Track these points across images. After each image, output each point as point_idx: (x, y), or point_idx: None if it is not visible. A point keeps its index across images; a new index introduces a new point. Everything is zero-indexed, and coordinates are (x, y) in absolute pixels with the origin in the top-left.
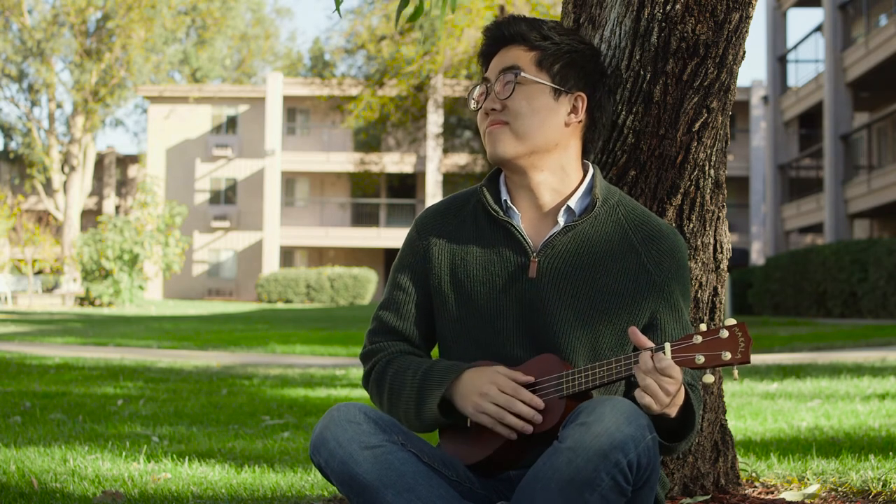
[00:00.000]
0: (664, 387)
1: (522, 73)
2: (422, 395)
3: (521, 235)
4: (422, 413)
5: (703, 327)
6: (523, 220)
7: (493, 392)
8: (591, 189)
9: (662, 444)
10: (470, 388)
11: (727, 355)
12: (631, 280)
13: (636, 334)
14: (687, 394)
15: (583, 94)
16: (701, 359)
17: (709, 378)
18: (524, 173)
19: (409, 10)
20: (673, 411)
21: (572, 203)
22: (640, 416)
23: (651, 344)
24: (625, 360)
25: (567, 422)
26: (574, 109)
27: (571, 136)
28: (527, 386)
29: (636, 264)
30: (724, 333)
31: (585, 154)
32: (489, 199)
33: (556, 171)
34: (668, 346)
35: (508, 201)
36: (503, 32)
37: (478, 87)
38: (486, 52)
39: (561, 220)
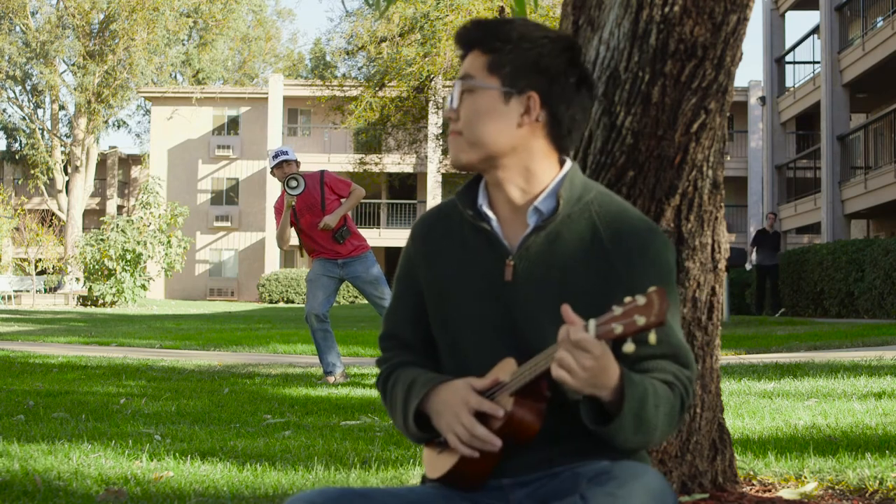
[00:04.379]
0: (580, 361)
1: (470, 81)
2: (406, 409)
3: (498, 238)
4: (408, 427)
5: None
6: (501, 223)
7: (456, 413)
8: (557, 189)
9: (599, 430)
10: (440, 406)
11: (641, 320)
12: (601, 280)
13: (567, 312)
14: (622, 377)
15: (534, 93)
16: (619, 328)
17: (629, 347)
18: (490, 173)
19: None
20: (604, 394)
21: (538, 204)
22: (669, 496)
23: (581, 321)
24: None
25: (594, 482)
26: (527, 110)
27: (530, 137)
28: (485, 391)
29: (605, 263)
30: (641, 300)
31: (563, 151)
32: (464, 205)
33: (521, 173)
34: (592, 321)
35: (484, 206)
36: (463, 39)
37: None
38: (461, 59)
39: (530, 222)
